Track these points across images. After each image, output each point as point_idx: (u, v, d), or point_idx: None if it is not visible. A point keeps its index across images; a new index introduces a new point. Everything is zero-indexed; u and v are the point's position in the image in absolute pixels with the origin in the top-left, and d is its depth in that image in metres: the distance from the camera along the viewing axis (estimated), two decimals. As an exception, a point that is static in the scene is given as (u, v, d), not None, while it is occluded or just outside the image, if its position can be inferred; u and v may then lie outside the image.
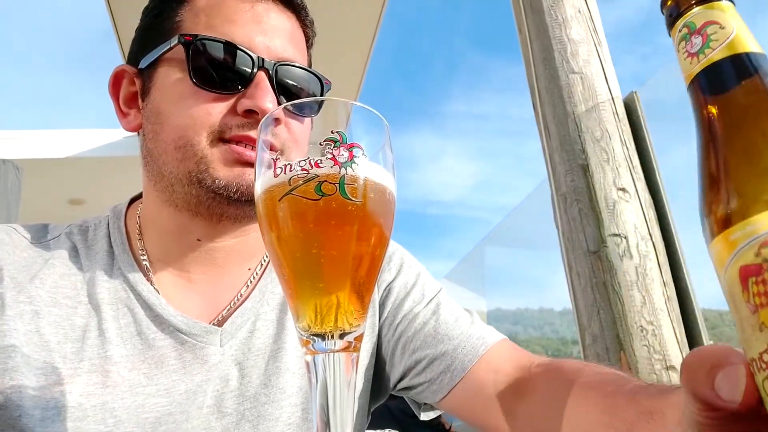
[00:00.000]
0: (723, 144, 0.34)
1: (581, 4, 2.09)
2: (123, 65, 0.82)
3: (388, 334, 0.85)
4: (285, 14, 0.81)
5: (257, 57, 0.74)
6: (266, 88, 0.73)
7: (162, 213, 0.78)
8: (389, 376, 0.85)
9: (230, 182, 0.71)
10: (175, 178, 0.74)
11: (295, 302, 0.46)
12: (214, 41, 0.73)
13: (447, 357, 0.78)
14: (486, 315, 5.54)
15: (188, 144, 0.72)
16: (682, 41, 0.38)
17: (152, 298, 0.74)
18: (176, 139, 0.73)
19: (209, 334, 0.74)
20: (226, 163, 0.72)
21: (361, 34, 3.61)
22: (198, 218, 0.76)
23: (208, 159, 0.72)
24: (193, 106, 0.73)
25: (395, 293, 0.87)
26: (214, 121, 0.72)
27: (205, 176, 0.72)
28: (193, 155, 0.72)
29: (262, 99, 0.72)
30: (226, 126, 0.72)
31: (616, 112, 1.96)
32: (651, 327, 1.73)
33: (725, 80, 0.36)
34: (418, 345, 0.81)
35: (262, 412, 0.74)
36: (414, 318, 0.83)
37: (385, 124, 0.48)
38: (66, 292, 0.73)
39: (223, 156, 0.72)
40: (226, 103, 0.73)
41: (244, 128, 0.72)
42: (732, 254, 0.32)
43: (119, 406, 0.68)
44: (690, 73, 0.38)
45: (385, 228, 0.47)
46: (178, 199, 0.75)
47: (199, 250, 0.79)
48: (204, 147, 0.72)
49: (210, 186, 0.72)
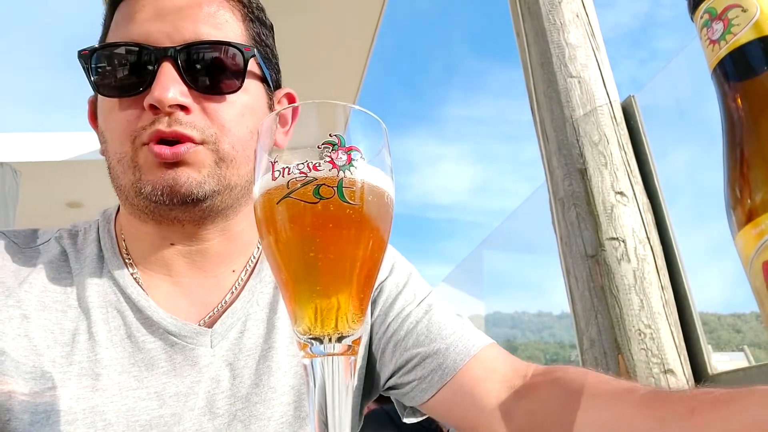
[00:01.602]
0: (747, 133, 0.33)
1: (579, 8, 2.10)
2: (92, 95, 0.81)
3: (380, 332, 0.84)
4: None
5: (155, 49, 0.70)
6: (165, 77, 0.69)
7: (132, 223, 0.79)
8: (379, 374, 0.85)
9: (155, 187, 0.69)
10: (126, 190, 0.73)
11: (293, 306, 0.45)
12: (105, 47, 0.71)
13: (439, 355, 0.77)
14: (484, 319, 5.54)
15: (123, 156, 0.72)
16: (704, 28, 0.37)
17: (142, 300, 0.74)
18: (114, 153, 0.73)
19: (199, 335, 0.74)
20: (150, 167, 0.70)
21: (359, 38, 3.62)
22: (163, 225, 0.76)
23: (140, 166, 0.71)
24: (115, 119, 0.72)
25: (387, 292, 0.86)
26: (133, 126, 0.70)
27: (141, 185, 0.71)
28: (129, 166, 0.71)
29: (157, 90, 0.68)
30: (141, 128, 0.70)
31: (614, 116, 1.97)
32: (649, 331, 1.73)
33: (749, 65, 0.34)
34: (410, 343, 0.80)
35: (254, 411, 0.74)
36: (406, 317, 0.83)
37: (383, 127, 0.48)
38: (55, 296, 0.73)
39: (146, 160, 0.70)
40: (140, 105, 0.71)
41: (154, 124, 0.69)
42: (756, 247, 0.31)
43: (109, 409, 0.67)
44: (712, 60, 0.36)
45: (383, 231, 0.47)
46: (136, 209, 0.75)
47: (176, 255, 0.78)
48: (133, 155, 0.71)
49: (147, 195, 0.70)
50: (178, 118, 0.70)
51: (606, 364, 1.77)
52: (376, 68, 29.18)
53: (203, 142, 0.71)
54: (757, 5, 0.34)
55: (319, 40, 3.47)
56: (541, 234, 2.77)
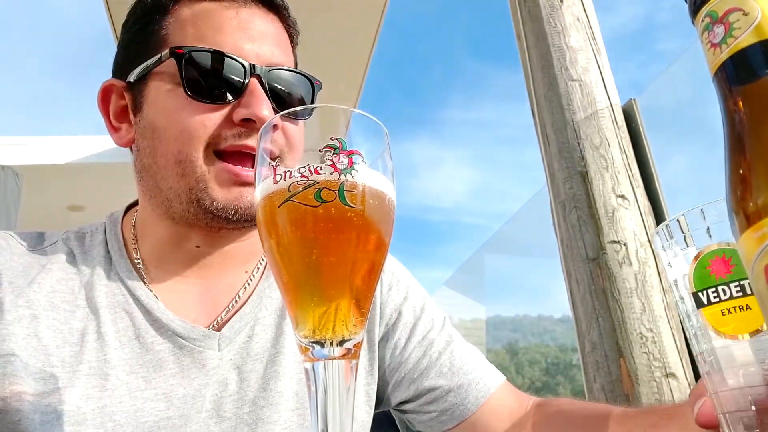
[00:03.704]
0: (749, 136, 0.33)
1: (580, 11, 2.10)
2: (111, 79, 0.82)
3: (400, 357, 0.87)
4: (269, 17, 0.80)
5: (249, 64, 0.73)
6: (261, 95, 0.72)
7: (158, 224, 0.78)
8: (390, 395, 0.88)
9: (228, 204, 0.71)
10: (174, 193, 0.74)
11: (294, 309, 0.45)
12: (205, 52, 0.73)
13: (461, 390, 0.84)
14: (485, 322, 5.53)
15: (187, 159, 0.72)
16: (705, 31, 0.36)
17: (150, 302, 0.74)
18: (175, 153, 0.72)
19: (207, 338, 0.75)
20: (222, 184, 0.71)
21: (360, 42, 3.63)
22: (195, 228, 0.77)
23: (206, 177, 0.71)
24: (188, 119, 0.72)
25: (405, 317, 0.89)
26: (210, 132, 0.72)
27: (204, 195, 0.71)
28: (192, 171, 0.72)
29: (258, 107, 0.71)
30: (222, 137, 0.72)
31: (615, 119, 1.97)
32: (651, 334, 1.72)
33: (750, 69, 0.33)
34: (432, 373, 0.86)
35: (260, 415, 0.74)
36: (429, 345, 0.87)
37: (384, 131, 0.48)
38: (64, 297, 0.73)
39: (219, 176, 0.71)
40: (221, 113, 0.72)
41: (241, 137, 0.72)
42: (758, 251, 0.31)
43: (118, 410, 0.67)
44: (714, 64, 0.36)
45: (384, 234, 0.47)
46: (176, 213, 0.75)
47: (196, 257, 0.79)
48: (202, 164, 0.71)
49: (208, 207, 0.71)
50: None
51: (607, 368, 1.76)
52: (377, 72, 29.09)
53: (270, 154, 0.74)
54: (759, 8, 0.34)
55: (320, 44, 3.47)
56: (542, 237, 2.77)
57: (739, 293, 0.38)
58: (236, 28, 0.75)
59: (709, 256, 0.40)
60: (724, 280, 0.39)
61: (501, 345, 5.69)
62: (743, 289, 0.38)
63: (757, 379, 0.37)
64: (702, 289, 0.40)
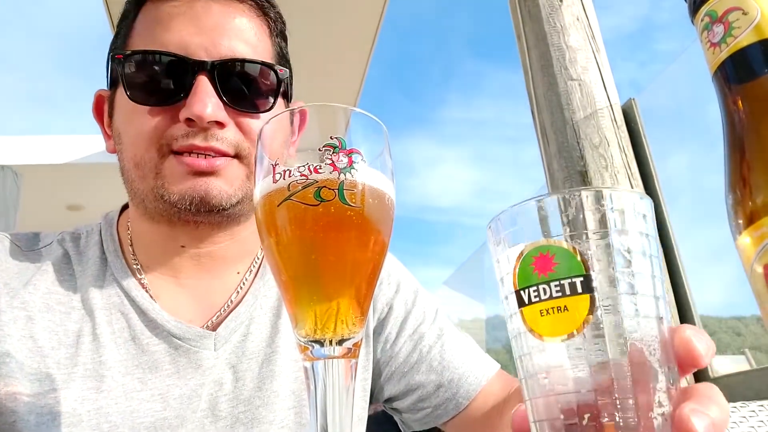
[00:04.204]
0: (748, 135, 0.33)
1: (580, 11, 2.10)
2: (101, 90, 0.82)
3: (390, 352, 0.86)
4: (230, 7, 0.76)
5: (192, 61, 0.71)
6: (203, 92, 0.70)
7: (143, 225, 0.79)
8: (380, 389, 0.88)
9: (183, 196, 0.71)
10: (143, 194, 0.74)
11: (293, 308, 0.45)
12: (145, 53, 0.72)
13: (453, 385, 0.84)
14: (485, 322, 5.53)
15: (143, 161, 0.72)
16: (705, 31, 0.36)
17: (146, 303, 0.74)
18: (133, 157, 0.73)
19: (203, 338, 0.74)
20: (176, 176, 0.71)
21: (360, 42, 3.63)
22: (177, 227, 0.77)
23: (163, 173, 0.71)
24: (139, 123, 0.72)
25: (396, 311, 0.88)
26: (160, 134, 0.71)
27: (163, 192, 0.71)
28: (149, 171, 0.72)
29: (197, 105, 0.69)
30: (172, 137, 0.71)
31: (615, 119, 1.97)
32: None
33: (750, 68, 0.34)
34: (423, 368, 0.85)
35: (256, 415, 0.74)
36: (419, 339, 0.87)
37: (384, 130, 0.48)
38: (59, 298, 0.73)
39: (173, 169, 0.71)
40: (171, 114, 0.71)
41: (188, 137, 0.70)
42: (757, 250, 0.31)
43: (114, 411, 0.67)
44: (713, 63, 0.36)
45: (384, 234, 0.47)
46: (152, 212, 0.76)
47: (184, 257, 0.79)
48: (157, 162, 0.71)
49: (169, 200, 0.71)
50: (214, 134, 0.71)
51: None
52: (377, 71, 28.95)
53: (237, 156, 0.73)
54: (758, 8, 0.34)
55: (320, 44, 3.47)
56: (542, 237, 2.76)
57: (559, 293, 0.35)
58: (186, 24, 0.73)
59: (534, 252, 0.37)
60: (546, 278, 0.36)
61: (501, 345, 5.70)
62: (563, 289, 0.35)
63: (568, 386, 0.35)
64: (524, 287, 0.37)
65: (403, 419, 0.90)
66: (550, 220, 0.37)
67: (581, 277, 0.35)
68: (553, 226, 0.37)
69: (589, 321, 0.34)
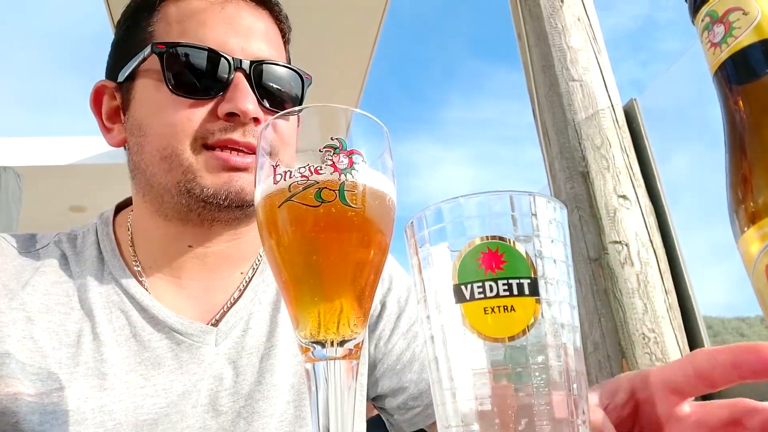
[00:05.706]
0: (749, 135, 0.33)
1: (581, 12, 2.10)
2: (103, 80, 0.82)
3: (384, 350, 0.86)
4: (257, 12, 0.80)
5: (233, 59, 0.73)
6: (245, 89, 0.72)
7: (152, 223, 0.79)
8: (373, 385, 0.88)
9: (218, 190, 0.71)
10: (164, 188, 0.74)
11: (294, 309, 0.45)
12: (187, 47, 0.73)
13: None
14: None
15: (173, 154, 0.72)
16: (705, 31, 0.36)
17: (146, 300, 0.75)
18: (161, 149, 0.73)
19: (205, 333, 0.75)
20: (211, 171, 0.71)
21: (361, 43, 3.63)
22: (189, 225, 0.77)
23: (194, 167, 0.71)
24: (173, 115, 0.72)
25: (389, 309, 0.88)
26: (195, 127, 0.72)
27: (193, 185, 0.71)
28: (179, 165, 0.72)
29: (241, 101, 0.71)
30: (208, 131, 0.71)
31: (616, 119, 1.97)
32: (653, 335, 1.72)
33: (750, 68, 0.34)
34: (415, 367, 0.85)
35: (256, 409, 0.75)
36: (413, 338, 0.86)
37: (384, 130, 0.48)
38: (58, 299, 0.73)
39: (208, 163, 0.71)
40: (206, 108, 0.72)
41: (227, 132, 0.72)
42: (759, 250, 0.31)
43: (118, 408, 0.68)
44: (714, 63, 0.36)
45: (385, 235, 0.47)
46: (168, 209, 0.76)
47: (190, 256, 0.79)
48: (189, 156, 0.71)
49: (199, 195, 0.71)
50: (252, 130, 0.72)
51: (610, 368, 1.76)
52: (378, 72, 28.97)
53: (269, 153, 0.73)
54: (758, 8, 0.34)
55: (322, 45, 3.48)
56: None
57: (506, 292, 0.35)
58: (221, 22, 0.75)
59: (482, 248, 0.36)
60: (494, 276, 0.35)
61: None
62: (510, 288, 0.35)
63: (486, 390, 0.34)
64: (466, 282, 0.36)
65: (392, 420, 0.90)
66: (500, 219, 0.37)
67: (528, 279, 0.35)
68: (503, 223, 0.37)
69: (533, 325, 0.35)
